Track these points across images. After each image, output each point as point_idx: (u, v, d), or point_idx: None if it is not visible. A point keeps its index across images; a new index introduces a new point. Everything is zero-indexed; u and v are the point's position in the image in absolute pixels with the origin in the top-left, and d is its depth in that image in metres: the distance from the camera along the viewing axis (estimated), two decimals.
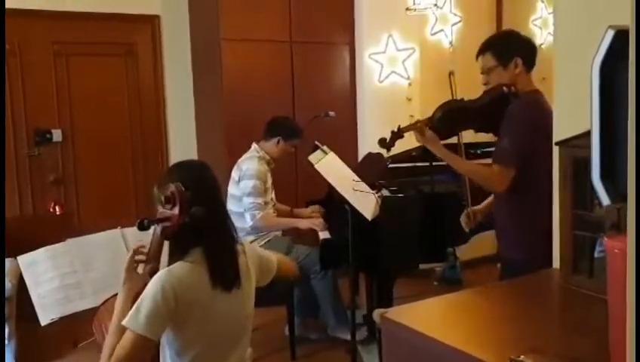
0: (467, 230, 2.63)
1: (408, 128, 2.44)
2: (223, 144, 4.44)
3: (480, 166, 2.47)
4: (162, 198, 1.68)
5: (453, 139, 2.60)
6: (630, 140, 0.83)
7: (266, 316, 3.58)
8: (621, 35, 0.87)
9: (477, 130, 2.48)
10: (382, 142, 2.49)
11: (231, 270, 1.72)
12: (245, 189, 3.61)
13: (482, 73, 2.38)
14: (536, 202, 2.11)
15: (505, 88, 2.27)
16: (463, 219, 2.61)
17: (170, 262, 1.70)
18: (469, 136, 2.76)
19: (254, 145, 3.81)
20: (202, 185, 1.74)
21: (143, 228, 1.67)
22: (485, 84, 2.38)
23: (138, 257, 1.74)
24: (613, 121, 0.89)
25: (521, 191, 2.23)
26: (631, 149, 0.83)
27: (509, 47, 2.33)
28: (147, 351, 1.58)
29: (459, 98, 2.50)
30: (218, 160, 4.33)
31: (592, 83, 0.91)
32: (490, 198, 2.66)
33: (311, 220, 3.75)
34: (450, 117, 2.38)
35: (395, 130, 2.46)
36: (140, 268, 1.74)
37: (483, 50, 2.37)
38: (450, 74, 2.56)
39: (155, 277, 1.63)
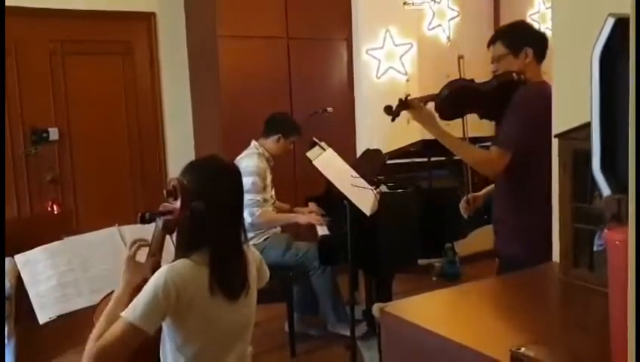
0: (466, 216, 2.61)
1: (414, 101, 2.36)
2: (220, 141, 4.44)
3: (476, 147, 2.44)
4: (164, 191, 1.68)
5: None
6: (631, 130, 0.82)
7: (266, 312, 3.57)
8: (621, 24, 0.86)
9: (482, 116, 2.44)
10: (387, 110, 2.39)
11: (238, 278, 1.70)
12: (244, 186, 3.59)
13: (492, 62, 2.37)
14: (535, 196, 2.11)
15: (514, 75, 2.26)
16: (462, 204, 2.60)
17: (176, 256, 1.69)
18: (471, 132, 2.75)
19: (254, 143, 3.79)
20: (208, 180, 1.71)
21: (144, 221, 1.67)
22: (494, 72, 2.37)
23: (141, 243, 1.73)
24: (614, 111, 0.89)
25: (520, 184, 2.23)
26: (632, 139, 0.82)
27: (520, 37, 2.33)
28: (135, 341, 1.57)
29: (469, 79, 2.47)
30: None
31: (592, 72, 0.90)
32: (490, 187, 2.66)
33: (311, 215, 3.75)
34: (458, 95, 2.33)
35: (403, 98, 2.35)
36: (139, 256, 1.72)
37: (495, 39, 2.37)
38: (460, 58, 2.53)
39: (158, 271, 1.62)
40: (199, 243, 1.67)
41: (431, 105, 2.38)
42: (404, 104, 2.34)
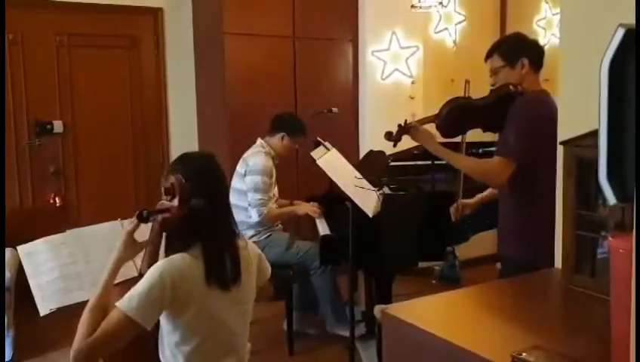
0: (453, 219, 2.70)
1: (413, 124, 2.42)
2: (224, 138, 4.44)
3: (478, 160, 2.47)
4: (162, 189, 1.68)
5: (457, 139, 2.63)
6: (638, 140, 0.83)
7: (265, 311, 3.58)
8: (631, 34, 0.87)
9: (484, 130, 2.48)
10: (388, 136, 2.47)
11: (230, 268, 1.71)
12: (252, 184, 3.60)
13: (491, 76, 2.40)
14: (538, 200, 2.12)
15: (511, 87, 2.28)
16: (452, 210, 2.74)
17: (167, 254, 1.70)
18: (470, 135, 2.77)
19: (260, 141, 3.79)
20: (205, 178, 1.72)
21: (142, 218, 1.67)
22: (493, 85, 2.39)
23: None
24: (621, 120, 0.89)
25: (523, 189, 2.24)
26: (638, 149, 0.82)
27: (515, 48, 2.35)
28: (130, 334, 1.57)
29: (466, 96, 2.51)
30: (219, 153, 4.32)
31: (601, 82, 0.90)
32: (482, 194, 2.77)
33: (308, 206, 3.76)
34: (457, 114, 2.38)
35: (402, 124, 2.44)
36: (137, 235, 1.71)
37: (491, 52, 2.40)
38: (466, 82, 2.58)
39: (156, 265, 1.63)
40: (194, 238, 1.68)
41: (430, 126, 2.42)
42: (404, 129, 2.43)
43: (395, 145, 2.47)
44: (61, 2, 4.25)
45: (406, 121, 2.45)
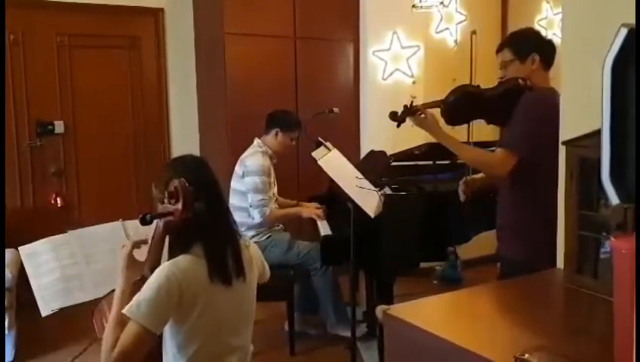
0: (462, 199, 2.60)
1: (419, 107, 2.39)
2: (225, 138, 4.44)
3: (481, 150, 2.45)
4: (166, 193, 1.68)
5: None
6: None
7: (266, 311, 3.58)
8: (634, 34, 0.86)
9: (489, 122, 2.45)
10: (392, 116, 2.42)
11: (232, 263, 1.72)
12: (251, 185, 3.59)
13: (500, 68, 2.39)
14: (539, 198, 2.12)
15: (520, 80, 2.27)
16: (460, 186, 2.61)
17: (171, 256, 1.70)
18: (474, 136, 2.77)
19: (257, 141, 3.78)
20: (202, 181, 1.74)
21: (145, 222, 1.66)
22: (501, 78, 2.38)
23: (141, 242, 1.73)
24: (625, 121, 0.89)
25: (524, 186, 2.23)
26: None
27: (527, 43, 2.34)
28: (147, 343, 1.58)
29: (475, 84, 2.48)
30: (220, 154, 4.34)
31: (604, 81, 0.90)
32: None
33: (313, 209, 3.75)
34: (464, 102, 2.35)
35: (408, 105, 2.39)
36: (137, 254, 1.72)
37: (502, 45, 2.39)
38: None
39: (160, 268, 1.63)
40: (196, 239, 1.69)
41: (436, 111, 2.39)
42: (409, 110, 2.38)
43: (398, 126, 2.42)
44: (62, 2, 4.25)
45: (412, 102, 2.40)
